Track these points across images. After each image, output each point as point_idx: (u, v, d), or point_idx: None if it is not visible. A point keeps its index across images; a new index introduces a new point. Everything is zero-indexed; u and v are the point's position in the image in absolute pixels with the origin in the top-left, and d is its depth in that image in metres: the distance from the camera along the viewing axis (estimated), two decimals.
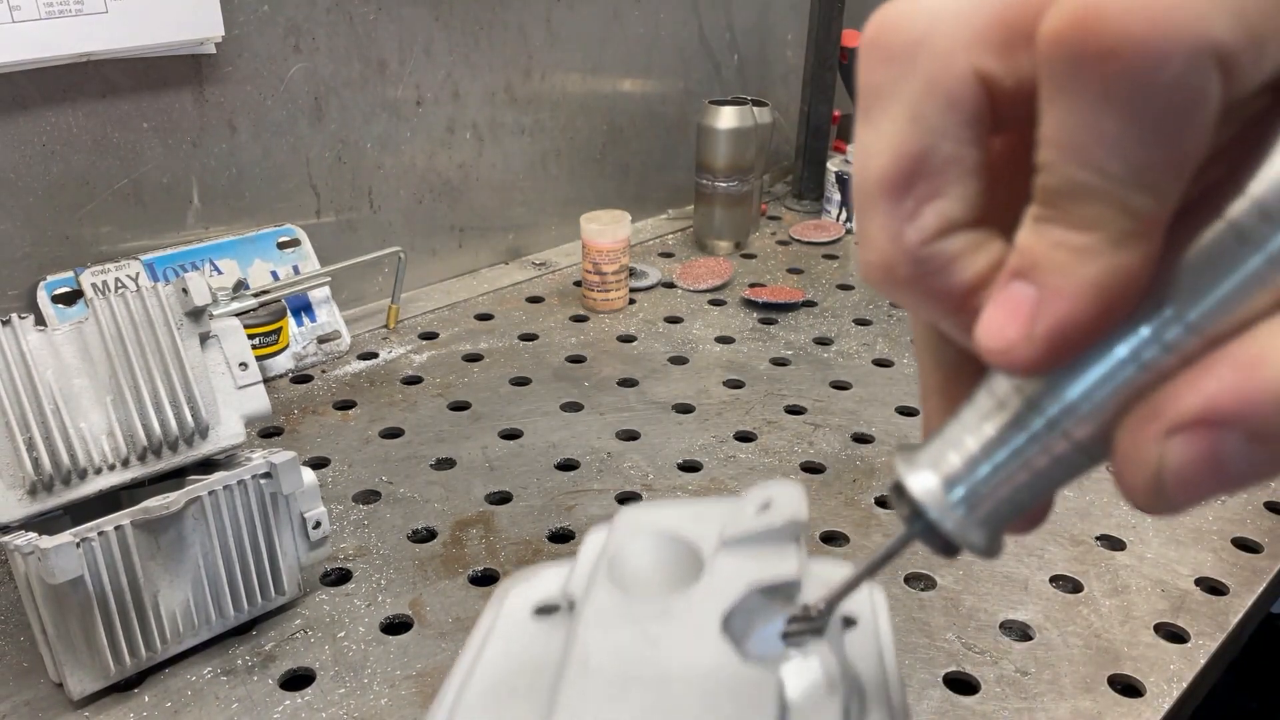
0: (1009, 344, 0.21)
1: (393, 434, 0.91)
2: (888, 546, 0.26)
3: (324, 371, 1.02)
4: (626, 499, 0.82)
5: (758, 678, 0.26)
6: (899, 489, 0.24)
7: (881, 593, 0.34)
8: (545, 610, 0.33)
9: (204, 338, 0.66)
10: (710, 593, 0.29)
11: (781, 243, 1.37)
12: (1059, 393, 0.21)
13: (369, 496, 0.82)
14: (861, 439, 0.90)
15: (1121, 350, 0.20)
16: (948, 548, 0.24)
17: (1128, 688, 0.64)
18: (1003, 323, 0.21)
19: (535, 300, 1.19)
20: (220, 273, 0.99)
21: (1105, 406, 0.21)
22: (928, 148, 0.21)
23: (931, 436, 0.24)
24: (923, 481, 0.24)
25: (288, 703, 0.63)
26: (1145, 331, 0.20)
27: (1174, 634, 0.69)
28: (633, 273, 1.21)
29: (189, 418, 0.64)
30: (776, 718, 0.25)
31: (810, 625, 0.28)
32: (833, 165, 1.41)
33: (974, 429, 0.23)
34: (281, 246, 1.04)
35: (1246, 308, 0.19)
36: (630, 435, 0.91)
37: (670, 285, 1.23)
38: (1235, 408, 0.18)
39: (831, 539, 0.78)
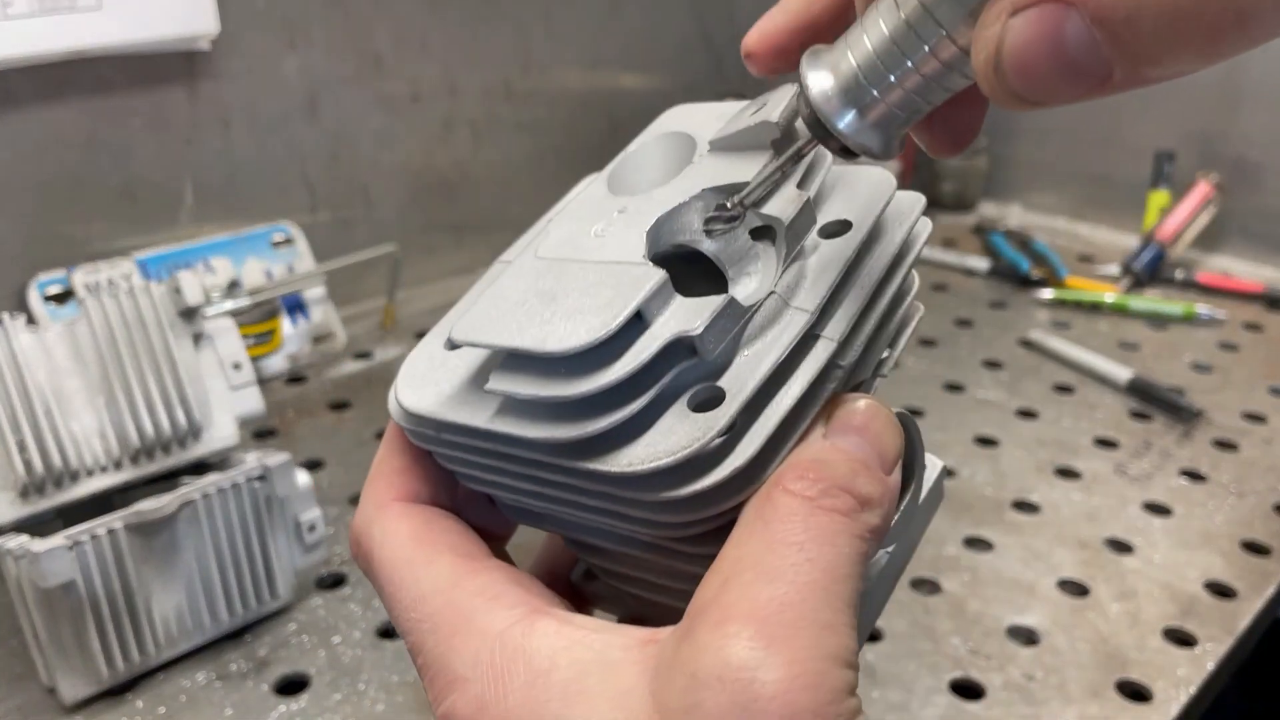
0: None
1: None
2: (795, 146, 0.28)
3: (319, 372, 1.01)
4: None
5: (641, 272, 0.28)
6: (803, 89, 0.26)
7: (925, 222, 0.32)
8: None
9: (197, 338, 0.65)
10: (673, 192, 0.31)
11: None
12: None
13: None
14: None
15: None
16: (844, 150, 0.26)
17: (1135, 693, 0.64)
18: None
19: None
20: (214, 272, 0.98)
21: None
22: None
23: (840, 38, 0.26)
24: (819, 81, 0.25)
25: (282, 708, 0.62)
26: None
27: (1182, 638, 0.68)
28: None
29: (182, 419, 0.63)
30: (633, 306, 0.27)
31: (727, 216, 0.29)
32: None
33: (871, 28, 0.24)
34: (276, 245, 1.03)
35: None
36: None
37: None
38: None
39: None
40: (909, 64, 0.24)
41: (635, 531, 0.28)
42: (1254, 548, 0.77)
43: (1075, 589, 0.72)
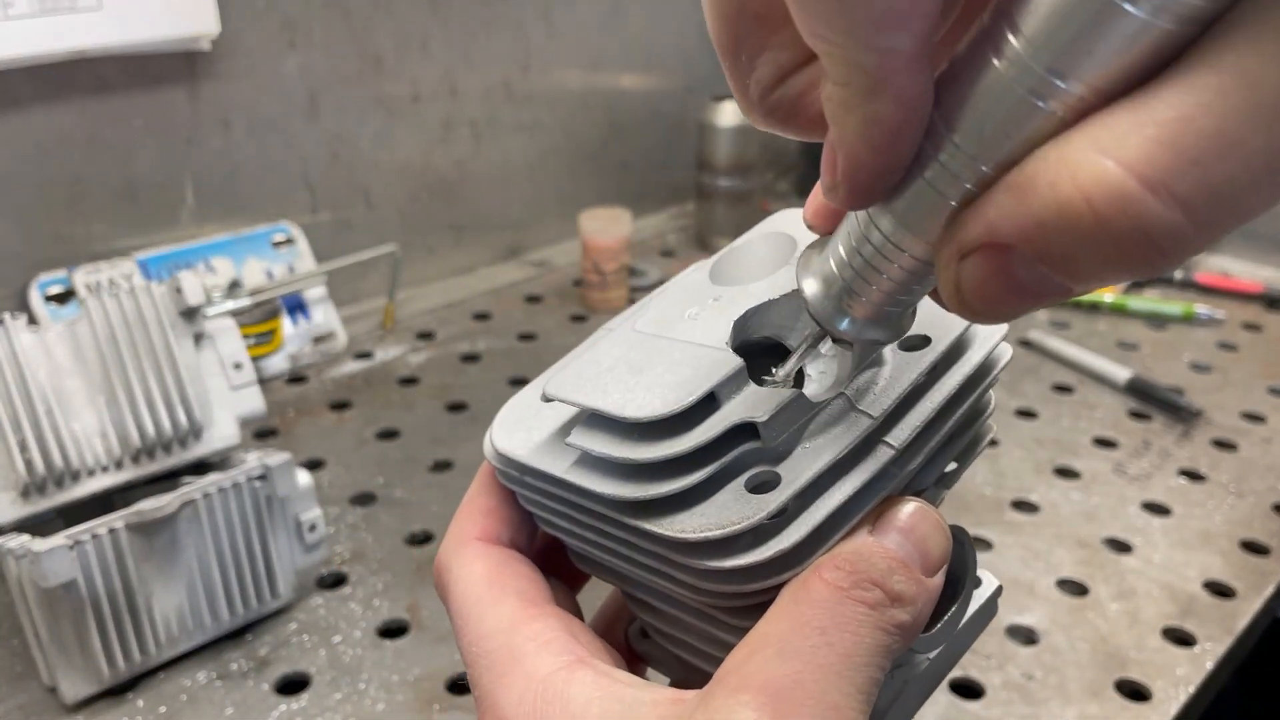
0: (830, 187, 0.23)
1: (389, 435, 0.90)
2: (813, 334, 0.29)
3: (319, 372, 1.01)
4: None
5: (722, 357, 0.30)
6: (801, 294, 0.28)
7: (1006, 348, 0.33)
8: None
9: (198, 338, 0.66)
10: (766, 288, 0.32)
11: None
12: (883, 217, 0.23)
13: (365, 499, 0.82)
14: None
15: (921, 181, 0.22)
16: (844, 341, 0.28)
17: (1134, 692, 0.64)
18: (824, 168, 0.23)
19: (534, 299, 1.18)
20: (214, 272, 0.98)
21: (924, 228, 0.22)
22: (741, 4, 0.24)
23: (829, 239, 0.27)
24: (811, 289, 0.27)
25: (283, 707, 0.62)
26: (941, 159, 0.21)
27: (1181, 638, 0.68)
28: (633, 271, 1.20)
29: (182, 419, 0.63)
30: (707, 387, 0.29)
31: (772, 383, 0.30)
32: None
33: (843, 240, 0.25)
34: (276, 245, 1.03)
35: (1023, 136, 0.20)
36: None
37: None
38: (1012, 231, 0.19)
39: None
40: (884, 275, 0.25)
41: (682, 595, 0.30)
42: (1253, 547, 0.77)
43: (1074, 589, 0.72)
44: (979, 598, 0.32)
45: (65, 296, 0.89)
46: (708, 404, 0.29)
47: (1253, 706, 0.90)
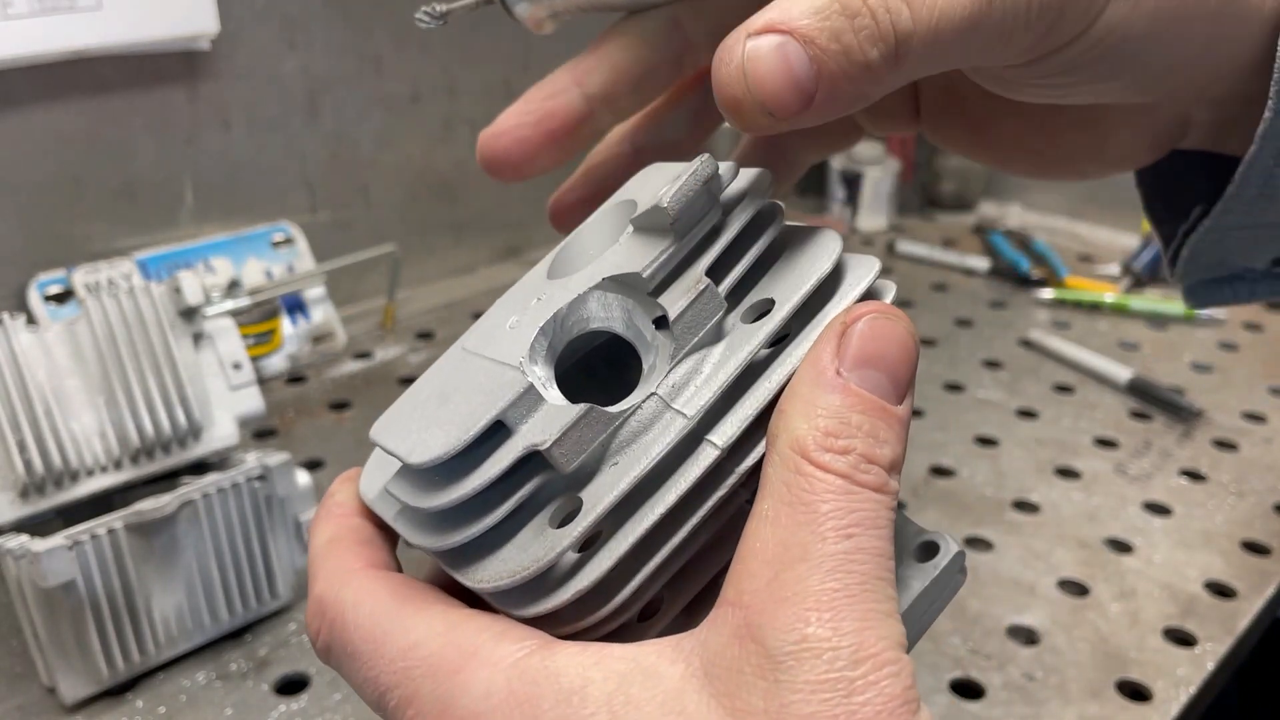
0: None
1: None
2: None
3: (319, 372, 1.01)
4: None
5: (511, 378, 0.27)
6: None
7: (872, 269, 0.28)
8: None
9: (197, 338, 0.65)
10: (584, 279, 0.29)
11: None
12: None
13: None
14: None
15: None
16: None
17: (1135, 693, 0.64)
18: None
19: None
20: (214, 272, 0.98)
21: None
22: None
23: None
24: None
25: (282, 708, 0.62)
26: None
27: (1182, 638, 0.68)
28: None
29: (182, 419, 0.63)
30: (490, 416, 0.26)
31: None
32: (835, 162, 1.40)
33: None
34: (276, 245, 1.03)
35: None
36: None
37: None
38: (782, 21, 0.26)
39: None
40: None
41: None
42: (1254, 547, 0.77)
43: (1075, 589, 0.72)
44: (935, 566, 0.28)
45: (64, 296, 0.89)
46: (499, 433, 0.26)
47: (1254, 707, 0.90)
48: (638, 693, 0.23)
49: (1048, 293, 1.18)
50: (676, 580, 0.27)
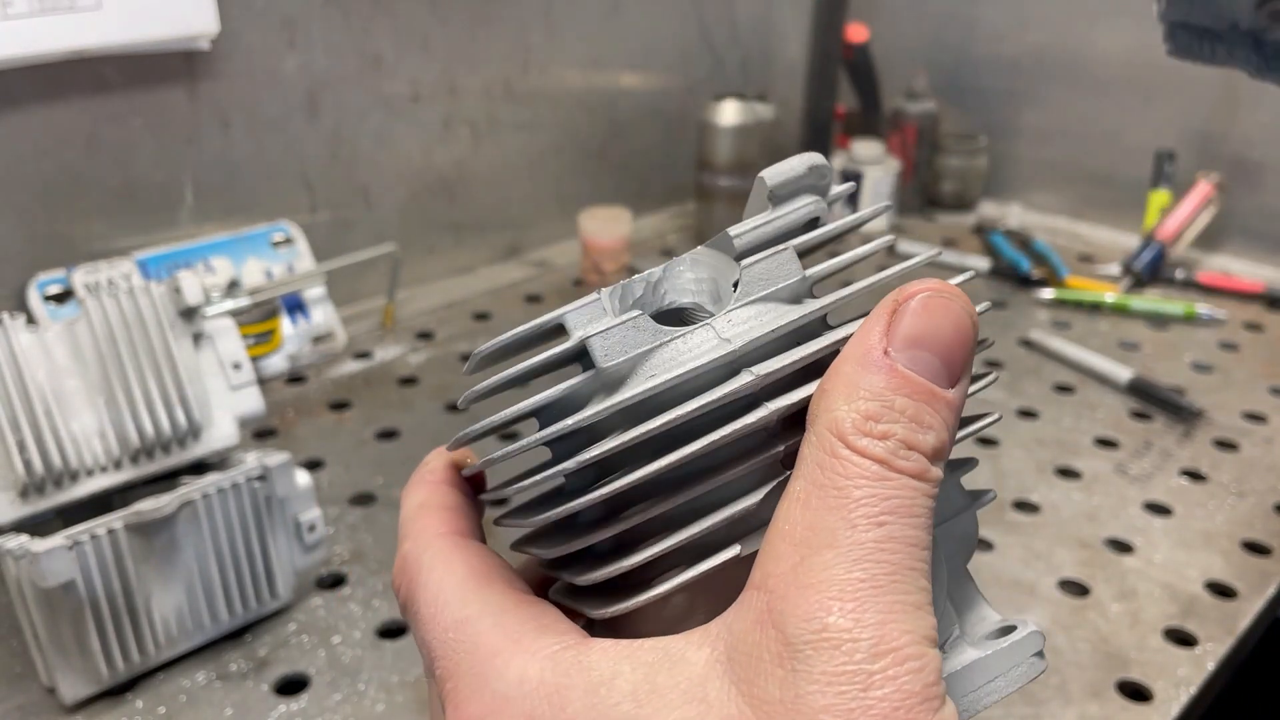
0: None
1: (389, 435, 0.90)
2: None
3: (319, 372, 1.01)
4: None
5: (588, 297, 0.28)
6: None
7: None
8: None
9: (197, 338, 0.65)
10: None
11: None
12: None
13: (364, 499, 0.81)
14: None
15: None
16: None
17: (1136, 693, 0.64)
18: None
19: (534, 299, 1.18)
20: (214, 271, 0.98)
21: None
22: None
23: None
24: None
25: (282, 708, 0.62)
26: None
27: (1183, 638, 0.68)
28: (633, 271, 1.20)
29: (181, 419, 0.63)
30: (555, 313, 0.27)
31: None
32: (835, 162, 1.41)
33: None
34: (276, 245, 1.03)
35: None
36: None
37: None
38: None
39: None
40: None
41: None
42: (1254, 548, 0.77)
43: (1075, 589, 0.72)
44: (1003, 641, 0.27)
45: (64, 296, 0.89)
46: (561, 335, 0.27)
47: (1254, 707, 0.90)
48: (663, 680, 0.23)
49: (1048, 293, 1.18)
50: (716, 582, 0.27)
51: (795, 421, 0.25)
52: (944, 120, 1.43)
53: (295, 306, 1.03)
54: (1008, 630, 0.27)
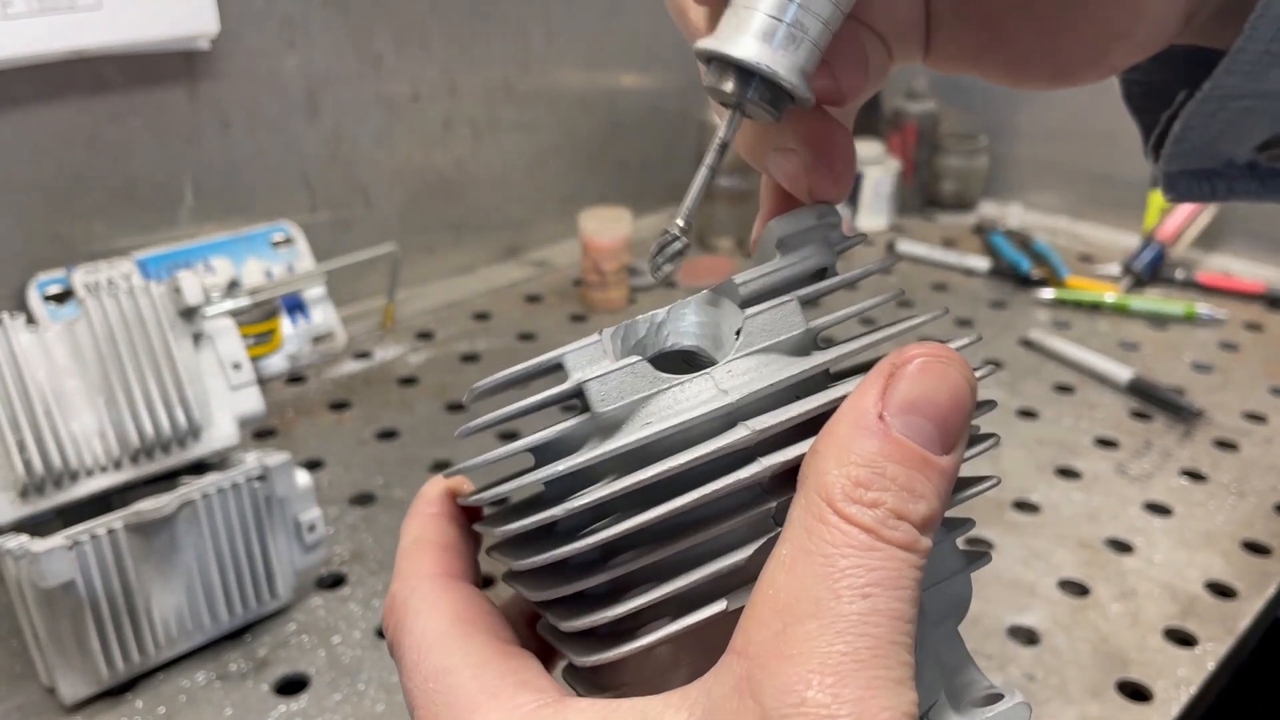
0: None
1: (389, 435, 0.90)
2: (724, 131, 0.28)
3: (319, 372, 1.01)
4: None
5: (589, 339, 0.28)
6: (720, 65, 0.27)
7: None
8: None
9: (197, 338, 0.65)
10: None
11: None
12: None
13: (364, 499, 0.81)
14: None
15: None
16: (776, 101, 0.27)
17: (1136, 693, 0.64)
18: None
19: (534, 299, 1.18)
20: (214, 271, 0.98)
21: None
22: None
23: (718, 26, 0.27)
24: (745, 48, 0.26)
25: (282, 708, 0.62)
26: None
27: (1183, 638, 0.68)
28: (633, 271, 1.20)
29: (181, 419, 0.63)
30: (555, 353, 0.27)
31: (669, 239, 0.30)
32: None
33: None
34: (275, 245, 1.03)
35: None
36: None
37: (671, 284, 1.22)
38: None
39: None
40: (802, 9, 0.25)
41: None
42: (1254, 548, 0.77)
43: (1076, 589, 0.72)
44: (990, 711, 0.26)
45: (64, 296, 0.89)
46: (558, 375, 0.28)
47: (1254, 707, 0.90)
48: None
49: (1048, 293, 1.18)
50: (701, 635, 0.27)
51: (790, 476, 0.25)
52: (944, 120, 1.43)
53: (295, 306, 1.03)
54: (994, 698, 0.27)
